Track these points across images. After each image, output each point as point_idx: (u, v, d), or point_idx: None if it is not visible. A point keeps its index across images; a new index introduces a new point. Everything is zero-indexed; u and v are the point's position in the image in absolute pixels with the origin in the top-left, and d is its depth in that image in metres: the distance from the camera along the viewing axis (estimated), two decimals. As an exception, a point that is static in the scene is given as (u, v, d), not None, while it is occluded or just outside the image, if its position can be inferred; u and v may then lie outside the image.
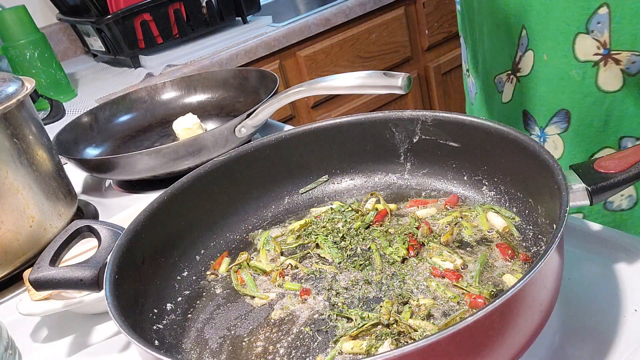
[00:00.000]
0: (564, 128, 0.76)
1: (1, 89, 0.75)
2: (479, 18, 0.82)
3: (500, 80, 0.82)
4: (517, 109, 0.80)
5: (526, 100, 0.78)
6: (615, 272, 0.55)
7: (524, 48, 0.75)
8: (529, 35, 0.73)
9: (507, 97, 0.81)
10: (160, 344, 0.51)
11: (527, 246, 0.55)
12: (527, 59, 0.75)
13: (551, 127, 0.77)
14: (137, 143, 1.10)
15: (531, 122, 0.79)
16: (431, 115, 0.64)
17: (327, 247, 0.61)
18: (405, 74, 0.68)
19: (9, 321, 0.66)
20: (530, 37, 0.73)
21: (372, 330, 0.49)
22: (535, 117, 0.78)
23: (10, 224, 0.74)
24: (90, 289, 0.53)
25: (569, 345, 0.48)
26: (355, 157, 0.70)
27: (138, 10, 1.70)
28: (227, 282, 0.61)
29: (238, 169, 0.67)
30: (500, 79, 0.82)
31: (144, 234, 0.57)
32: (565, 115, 0.75)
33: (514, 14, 0.74)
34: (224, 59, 1.69)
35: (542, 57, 0.73)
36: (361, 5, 1.93)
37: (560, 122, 0.76)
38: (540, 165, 0.51)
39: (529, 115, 0.79)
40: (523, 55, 0.75)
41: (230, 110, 1.12)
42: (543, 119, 0.77)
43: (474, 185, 0.64)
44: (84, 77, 1.87)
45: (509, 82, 0.80)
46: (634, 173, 0.49)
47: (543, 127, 0.78)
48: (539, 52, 0.73)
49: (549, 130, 0.77)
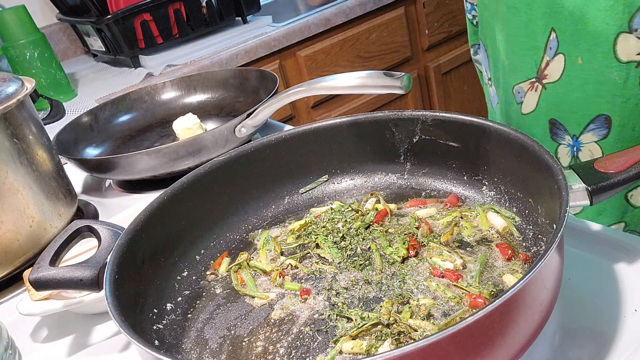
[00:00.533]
0: (603, 135, 0.71)
1: (1, 89, 0.75)
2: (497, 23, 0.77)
3: (520, 89, 0.77)
4: (542, 119, 0.76)
5: (554, 108, 0.73)
6: (615, 272, 0.55)
7: (553, 52, 0.70)
8: (559, 39, 0.68)
9: (529, 107, 0.77)
10: (160, 344, 0.51)
11: (527, 246, 0.55)
12: (557, 63, 0.70)
13: (587, 134, 0.72)
14: (137, 143, 1.10)
15: (560, 131, 0.74)
16: (431, 115, 0.64)
17: (327, 247, 0.61)
18: (405, 74, 0.68)
19: (9, 321, 0.66)
20: (560, 40, 0.68)
21: (372, 330, 0.49)
22: (566, 126, 0.73)
23: (10, 223, 0.74)
24: (90, 289, 0.53)
25: (569, 345, 0.48)
26: (355, 157, 0.70)
27: (138, 10, 1.70)
28: (227, 282, 0.61)
29: (238, 169, 0.67)
30: (520, 89, 0.77)
31: (144, 234, 0.57)
32: (604, 121, 0.70)
33: (540, 17, 0.69)
34: (224, 59, 1.69)
35: (576, 60, 0.68)
36: (361, 5, 1.93)
37: (599, 129, 0.71)
38: (540, 165, 0.51)
39: (557, 124, 0.74)
40: (551, 60, 0.71)
41: (230, 110, 1.12)
42: (577, 127, 0.72)
43: (474, 185, 0.64)
44: (84, 77, 1.87)
45: (532, 90, 0.75)
46: (634, 173, 0.49)
47: (577, 136, 0.73)
48: (571, 55, 0.68)
49: (585, 138, 0.72)
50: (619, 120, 0.69)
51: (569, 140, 0.74)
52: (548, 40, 0.70)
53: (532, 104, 0.76)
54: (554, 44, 0.69)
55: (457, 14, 2.19)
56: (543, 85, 0.73)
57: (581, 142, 0.73)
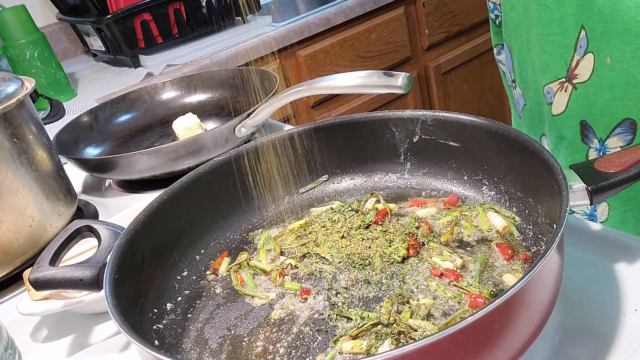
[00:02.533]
0: (628, 140, 0.68)
1: (1, 89, 0.75)
2: (527, 22, 0.74)
3: (550, 90, 0.74)
4: (573, 120, 0.73)
5: (585, 109, 0.71)
6: (615, 272, 0.55)
7: (583, 51, 0.67)
8: (588, 36, 0.66)
9: (559, 108, 0.74)
10: (160, 343, 0.51)
11: (527, 246, 0.55)
12: (586, 63, 0.68)
13: (613, 139, 0.69)
14: (137, 143, 1.10)
15: (590, 134, 0.72)
16: (431, 115, 0.64)
17: (327, 247, 0.61)
18: (405, 73, 0.68)
19: (9, 321, 0.66)
20: (590, 38, 0.66)
21: (372, 330, 0.49)
22: (595, 128, 0.70)
23: (10, 223, 0.74)
24: (90, 289, 0.53)
25: (569, 345, 0.48)
26: (355, 157, 0.70)
27: (138, 10, 1.70)
28: (227, 282, 0.61)
29: (238, 168, 0.67)
30: (550, 89, 0.74)
31: (143, 233, 0.57)
32: (630, 126, 0.67)
33: (571, 13, 0.67)
34: (223, 59, 1.69)
35: (605, 60, 0.65)
36: (361, 5, 1.93)
37: (624, 134, 0.68)
38: (540, 165, 0.51)
39: (587, 126, 0.71)
40: (581, 59, 0.68)
41: (230, 110, 1.12)
42: (604, 130, 0.70)
43: (474, 185, 0.64)
44: (84, 76, 1.87)
45: (562, 90, 0.72)
46: (634, 173, 0.49)
47: (603, 140, 0.70)
48: (600, 54, 0.66)
49: (611, 143, 0.70)
50: None
51: (597, 144, 0.72)
52: (578, 38, 0.67)
53: (562, 105, 0.73)
54: (584, 42, 0.67)
55: (457, 14, 2.19)
56: (573, 86, 0.70)
57: (607, 146, 0.71)
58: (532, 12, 0.72)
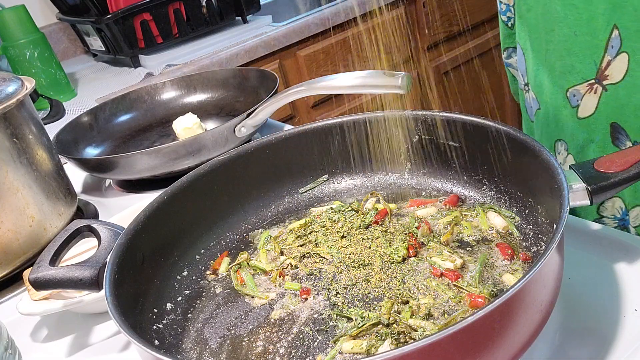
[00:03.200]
0: None
1: (1, 89, 0.75)
2: (547, 23, 0.73)
3: (576, 92, 0.72)
4: (602, 122, 0.71)
5: (616, 111, 0.69)
6: (615, 272, 0.55)
7: (615, 51, 0.66)
8: (622, 36, 0.64)
9: (587, 111, 0.72)
10: (160, 343, 0.51)
11: (527, 246, 0.55)
12: (619, 63, 0.66)
13: None
14: (137, 143, 1.10)
15: (622, 136, 0.70)
16: (431, 115, 0.64)
17: (327, 247, 0.61)
18: (405, 73, 0.68)
19: (9, 321, 0.66)
20: (623, 37, 0.64)
21: (372, 330, 0.49)
22: (628, 130, 0.69)
23: (10, 223, 0.74)
24: (90, 289, 0.53)
25: (569, 345, 0.48)
26: (355, 156, 0.70)
27: (138, 9, 1.70)
28: (227, 281, 0.61)
29: (238, 168, 0.67)
30: (576, 91, 0.72)
31: (143, 233, 0.57)
32: None
33: (601, 12, 0.65)
34: (223, 59, 1.69)
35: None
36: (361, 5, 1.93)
37: None
38: (540, 165, 0.51)
39: (619, 128, 0.70)
40: (613, 60, 0.66)
41: (230, 109, 1.12)
42: (638, 132, 0.68)
43: (474, 185, 0.64)
44: (84, 76, 1.87)
45: (591, 92, 0.70)
46: (634, 173, 0.49)
47: (638, 142, 0.69)
48: (636, 54, 0.64)
49: None
50: None
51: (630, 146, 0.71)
52: (610, 38, 0.66)
53: (591, 107, 0.72)
54: (617, 42, 0.66)
55: (457, 14, 2.19)
56: (604, 87, 0.69)
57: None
58: (556, 12, 0.71)
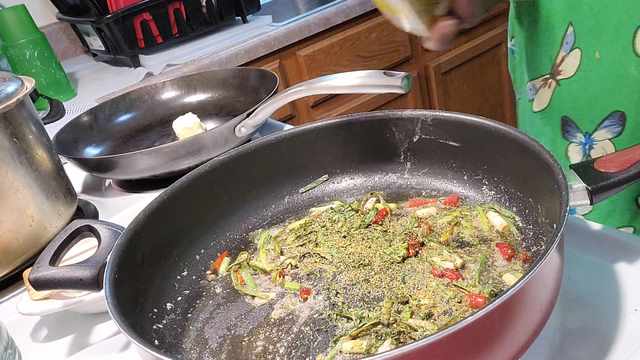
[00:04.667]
0: (617, 132, 0.69)
1: (1, 89, 0.75)
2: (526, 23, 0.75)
3: (532, 87, 0.75)
4: (554, 116, 0.74)
5: (568, 105, 0.72)
6: (615, 272, 0.55)
7: (569, 47, 0.68)
8: (576, 32, 0.67)
9: (541, 105, 0.75)
10: (160, 343, 0.51)
11: (527, 246, 0.55)
12: (572, 59, 0.69)
13: (601, 131, 0.70)
14: (136, 142, 1.10)
15: (572, 129, 0.73)
16: (431, 114, 0.64)
17: (327, 247, 0.61)
18: (405, 73, 0.68)
19: (9, 321, 0.66)
20: (577, 34, 0.67)
21: (372, 329, 0.49)
22: (579, 123, 0.72)
23: (10, 223, 0.74)
24: (90, 289, 0.52)
25: (569, 345, 0.48)
26: (355, 156, 0.70)
27: (138, 9, 1.70)
28: (227, 281, 0.61)
29: (238, 168, 0.67)
30: (532, 86, 0.75)
31: (143, 233, 0.57)
32: (619, 118, 0.68)
33: (559, 10, 0.68)
34: (223, 59, 1.69)
35: (594, 55, 0.66)
36: (361, 5, 1.93)
37: (613, 126, 0.69)
38: (540, 165, 0.51)
39: (569, 121, 0.72)
40: (567, 56, 0.69)
41: (230, 109, 1.12)
42: (590, 124, 0.71)
43: (474, 185, 0.64)
44: (84, 76, 1.87)
45: (545, 87, 0.73)
46: (634, 173, 0.49)
47: (590, 133, 0.71)
48: (588, 49, 0.67)
49: (598, 136, 0.71)
50: (634, 116, 0.67)
51: (581, 138, 0.73)
52: (565, 35, 0.68)
53: (544, 101, 0.74)
54: (571, 38, 0.68)
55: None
56: (557, 82, 0.71)
57: (594, 139, 0.71)
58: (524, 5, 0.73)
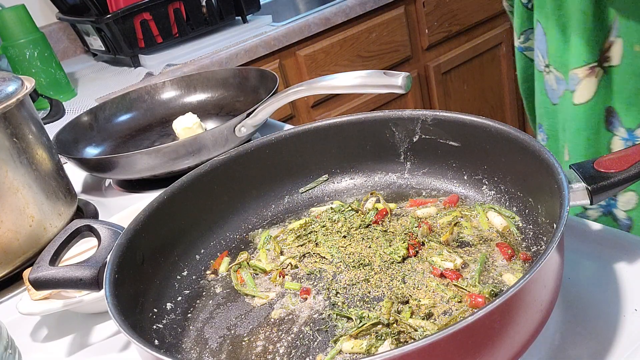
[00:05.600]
0: None
1: (1, 89, 0.75)
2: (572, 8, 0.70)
3: (575, 76, 0.70)
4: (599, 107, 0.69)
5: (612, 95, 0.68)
6: (615, 272, 0.55)
7: (615, 35, 0.65)
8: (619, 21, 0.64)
9: (584, 97, 0.70)
10: (160, 343, 0.51)
11: (527, 245, 0.55)
12: (617, 47, 0.66)
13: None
14: (136, 142, 1.10)
15: (616, 122, 0.69)
16: (431, 114, 0.64)
17: (327, 247, 0.61)
18: (405, 73, 0.68)
19: (9, 321, 0.66)
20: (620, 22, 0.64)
21: (372, 329, 0.49)
22: (622, 117, 0.68)
23: (10, 223, 0.74)
24: (90, 289, 0.52)
25: (569, 345, 0.48)
26: (355, 156, 0.70)
27: (138, 9, 1.70)
28: (227, 281, 0.61)
29: (238, 168, 0.67)
30: (575, 75, 0.70)
31: (143, 233, 0.57)
32: None
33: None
34: (223, 59, 1.69)
35: (632, 47, 0.64)
36: (361, 5, 1.93)
37: None
38: (540, 165, 0.51)
39: (614, 113, 0.69)
40: (614, 43, 0.65)
41: (230, 109, 1.12)
42: (632, 121, 0.67)
43: (474, 185, 0.64)
44: (84, 76, 1.87)
45: (591, 76, 0.68)
46: (634, 172, 0.49)
47: (633, 129, 0.68)
48: (629, 41, 0.64)
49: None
50: None
51: (624, 133, 0.69)
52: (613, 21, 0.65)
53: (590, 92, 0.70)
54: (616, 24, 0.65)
55: (457, 14, 2.19)
56: (604, 69, 0.68)
57: (636, 136, 0.68)
58: None
